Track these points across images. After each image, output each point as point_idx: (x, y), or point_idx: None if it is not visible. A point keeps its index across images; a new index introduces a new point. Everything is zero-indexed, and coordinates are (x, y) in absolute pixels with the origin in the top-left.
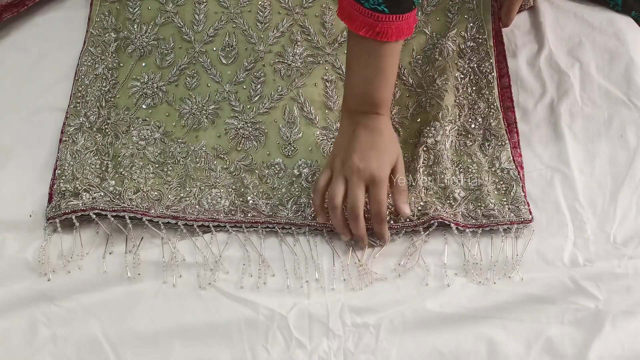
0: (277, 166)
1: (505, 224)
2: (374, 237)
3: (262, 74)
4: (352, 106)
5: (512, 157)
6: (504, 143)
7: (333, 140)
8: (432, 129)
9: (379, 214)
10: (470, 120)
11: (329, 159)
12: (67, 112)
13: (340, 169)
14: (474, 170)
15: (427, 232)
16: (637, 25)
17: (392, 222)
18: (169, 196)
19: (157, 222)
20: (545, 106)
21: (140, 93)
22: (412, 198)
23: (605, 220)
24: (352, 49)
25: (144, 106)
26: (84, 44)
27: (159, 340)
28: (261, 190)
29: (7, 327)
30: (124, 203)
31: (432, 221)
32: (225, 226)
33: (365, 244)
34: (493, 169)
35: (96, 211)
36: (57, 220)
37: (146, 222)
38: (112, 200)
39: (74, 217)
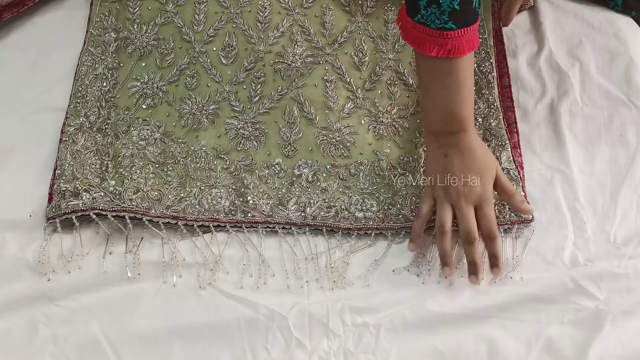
0: (277, 166)
1: (506, 224)
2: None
3: (262, 74)
4: (437, 128)
5: (513, 157)
6: (504, 143)
7: (333, 140)
8: None
9: (492, 233)
10: None
11: (426, 188)
12: (67, 112)
13: (445, 196)
14: None
15: (428, 233)
16: (637, 25)
17: (392, 222)
18: (169, 196)
19: (157, 222)
20: (545, 106)
21: (140, 93)
22: (414, 198)
23: (605, 220)
24: (425, 72)
25: (144, 106)
26: (84, 44)
27: (159, 340)
28: (261, 190)
29: (7, 327)
30: (124, 203)
31: (432, 224)
32: (225, 226)
33: (479, 271)
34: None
35: (96, 211)
36: (57, 220)
37: (146, 222)
38: (112, 200)
39: (74, 217)
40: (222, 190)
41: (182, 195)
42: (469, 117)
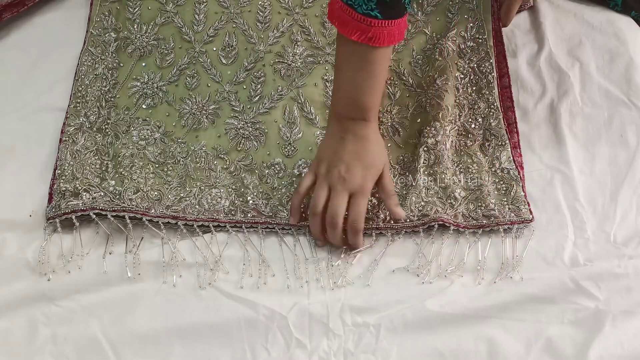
0: (277, 166)
1: (506, 224)
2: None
3: (262, 74)
4: (341, 111)
5: (512, 157)
6: (504, 143)
7: None
8: (433, 129)
9: (356, 225)
10: (470, 120)
11: (313, 162)
12: (67, 112)
13: (325, 176)
14: (474, 170)
15: (428, 233)
16: (637, 25)
17: (392, 222)
18: (169, 196)
19: (157, 222)
20: (545, 106)
21: (140, 93)
22: (413, 198)
23: (605, 220)
24: (342, 53)
25: (144, 106)
26: (84, 44)
27: (159, 340)
28: (261, 190)
29: (7, 327)
30: (124, 203)
31: (433, 223)
32: (225, 226)
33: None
34: (493, 169)
35: (96, 211)
36: (57, 220)
37: (146, 222)
38: (112, 200)
39: (74, 217)
40: (222, 190)
41: (182, 195)
42: (374, 108)
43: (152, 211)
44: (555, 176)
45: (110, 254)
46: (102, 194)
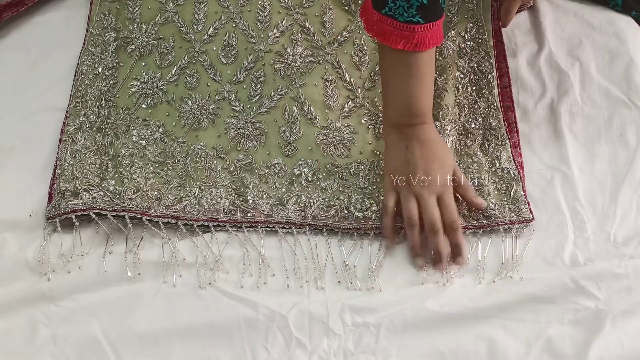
0: (277, 166)
1: (506, 223)
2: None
3: (262, 74)
4: (397, 120)
5: (512, 156)
6: (504, 143)
7: (333, 139)
8: None
9: (454, 222)
10: (470, 120)
11: (387, 180)
12: (67, 112)
13: (408, 187)
14: (474, 170)
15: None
16: (637, 25)
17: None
18: (169, 196)
19: (157, 222)
20: (545, 106)
21: (140, 92)
22: None
23: (605, 220)
24: (387, 64)
25: (143, 106)
26: (84, 44)
27: (159, 340)
28: (261, 189)
29: (7, 327)
30: (123, 203)
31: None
32: (225, 226)
33: (445, 263)
34: (493, 169)
35: (96, 211)
36: (57, 220)
37: (146, 222)
38: (112, 200)
39: (73, 216)
40: (222, 190)
41: (181, 194)
42: (429, 110)
43: (152, 211)
44: (555, 176)
45: (110, 253)
46: (102, 193)
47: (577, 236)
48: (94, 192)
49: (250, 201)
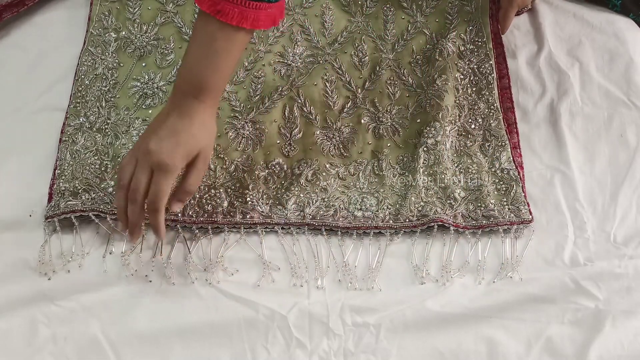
0: (277, 166)
1: (505, 224)
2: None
3: (262, 74)
4: (179, 85)
5: (512, 157)
6: (504, 143)
7: (333, 139)
8: (433, 129)
9: (153, 203)
10: (470, 120)
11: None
12: (67, 112)
13: (137, 149)
14: (474, 171)
15: (427, 233)
16: (637, 25)
17: (391, 221)
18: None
19: None
20: (545, 106)
21: (141, 93)
22: (413, 198)
23: (605, 220)
24: (195, 26)
25: (143, 106)
26: (84, 44)
27: (159, 340)
28: (260, 190)
29: (7, 327)
30: None
31: (432, 223)
32: (224, 227)
33: (134, 234)
34: (493, 170)
35: (95, 213)
36: (56, 219)
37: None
38: (112, 202)
39: (73, 217)
40: (221, 190)
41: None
42: (211, 90)
43: None
44: (555, 176)
45: (110, 253)
46: (102, 194)
47: (577, 236)
48: (93, 193)
49: (249, 202)
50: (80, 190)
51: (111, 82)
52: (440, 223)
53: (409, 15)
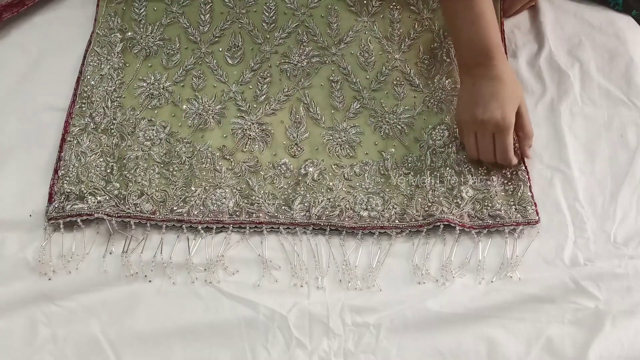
0: (283, 166)
1: (512, 224)
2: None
3: (268, 75)
4: (466, 60)
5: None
6: None
7: (339, 140)
8: (440, 130)
9: (505, 159)
10: None
11: (457, 118)
12: (68, 112)
13: (469, 124)
14: (482, 172)
15: (432, 233)
16: (638, 25)
17: (397, 221)
18: (174, 197)
19: (161, 225)
20: (545, 106)
21: (146, 93)
22: (419, 199)
23: (605, 220)
24: (447, 9)
25: (149, 107)
26: (90, 45)
27: (159, 340)
28: (267, 190)
29: (7, 327)
30: (128, 208)
31: (438, 223)
32: (228, 227)
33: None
34: (502, 170)
35: (101, 216)
36: (61, 221)
37: (148, 227)
38: (117, 206)
39: (79, 220)
40: (227, 191)
41: (187, 195)
42: (493, 46)
43: (157, 215)
44: (555, 176)
45: (110, 253)
46: (107, 197)
47: (577, 236)
48: (99, 196)
49: (255, 202)
50: (86, 194)
51: (117, 83)
52: (446, 222)
53: (415, 14)
